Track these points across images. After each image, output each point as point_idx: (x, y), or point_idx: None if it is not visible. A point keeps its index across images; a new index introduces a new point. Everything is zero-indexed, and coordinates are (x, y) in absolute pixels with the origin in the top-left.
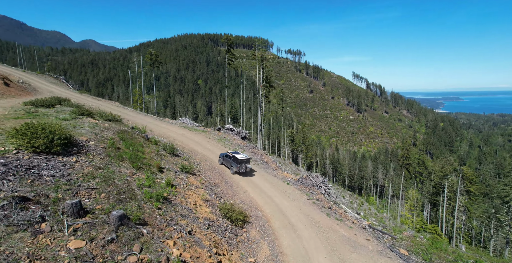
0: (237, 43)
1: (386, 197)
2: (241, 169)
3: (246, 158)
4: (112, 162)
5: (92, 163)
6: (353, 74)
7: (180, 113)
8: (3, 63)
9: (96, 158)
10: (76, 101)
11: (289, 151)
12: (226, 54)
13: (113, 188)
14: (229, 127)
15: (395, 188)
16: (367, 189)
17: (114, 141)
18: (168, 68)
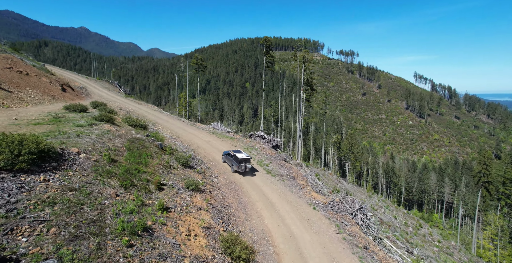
0: (286, 45)
1: (455, 217)
2: (240, 168)
3: (247, 157)
4: (97, 180)
5: (66, 183)
6: (415, 75)
7: (227, 116)
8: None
9: (76, 175)
10: (117, 105)
11: (336, 158)
12: (264, 56)
13: (75, 218)
14: (260, 134)
15: (468, 207)
16: (429, 205)
17: (112, 152)
18: (218, 72)
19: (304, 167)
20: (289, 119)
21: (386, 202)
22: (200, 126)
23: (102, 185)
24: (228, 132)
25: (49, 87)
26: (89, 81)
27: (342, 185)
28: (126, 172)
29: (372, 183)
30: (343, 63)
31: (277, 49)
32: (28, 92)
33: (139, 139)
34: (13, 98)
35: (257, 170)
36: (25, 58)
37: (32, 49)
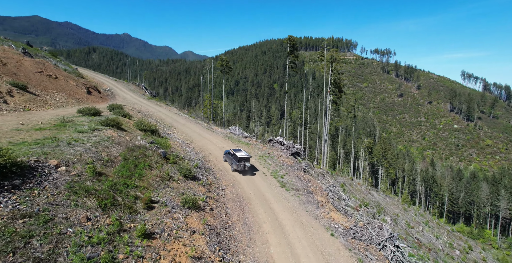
0: (316, 45)
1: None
2: (239, 167)
3: (246, 156)
4: (69, 200)
5: (21, 207)
6: (463, 74)
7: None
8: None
9: (43, 195)
10: (137, 107)
11: (367, 163)
12: (288, 56)
13: (12, 259)
14: (279, 140)
15: None
16: (480, 219)
17: (101, 164)
18: (247, 73)
19: (327, 176)
20: (318, 122)
21: (425, 216)
22: (217, 131)
23: (74, 206)
24: (246, 136)
25: (75, 90)
26: (117, 84)
27: (372, 197)
28: (110, 187)
29: (408, 191)
30: (378, 62)
31: (307, 49)
32: (54, 95)
33: (140, 147)
34: (38, 101)
35: (257, 169)
36: (59, 63)
37: (83, 55)
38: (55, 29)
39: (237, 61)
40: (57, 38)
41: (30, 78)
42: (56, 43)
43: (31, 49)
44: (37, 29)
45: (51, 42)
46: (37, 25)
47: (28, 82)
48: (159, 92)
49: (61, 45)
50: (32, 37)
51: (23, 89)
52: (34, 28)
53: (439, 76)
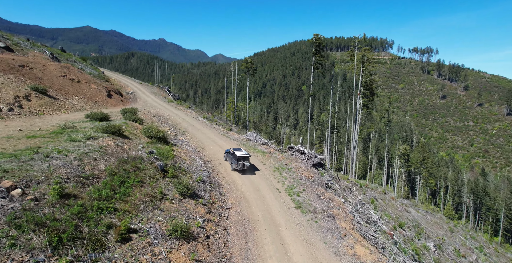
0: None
1: None
2: (238, 166)
3: (245, 155)
4: (5, 238)
5: None
6: None
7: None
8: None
9: None
10: (155, 111)
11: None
12: (313, 56)
13: None
14: (299, 148)
15: None
16: None
17: (74, 183)
18: (275, 75)
19: (355, 191)
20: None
21: (478, 239)
22: (233, 137)
23: (9, 248)
24: (263, 143)
25: (95, 94)
26: (141, 87)
27: (409, 214)
28: (77, 214)
29: (452, 203)
30: (417, 62)
31: (338, 49)
32: (73, 99)
33: (135, 158)
34: (55, 105)
35: (258, 169)
36: (87, 67)
37: (123, 60)
38: (102, 37)
39: (265, 63)
40: (103, 45)
41: (53, 82)
42: (103, 50)
43: (64, 54)
44: (88, 38)
45: (98, 49)
46: (88, 34)
47: (51, 86)
48: (189, 94)
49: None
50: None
51: (43, 93)
52: (86, 37)
53: (492, 75)
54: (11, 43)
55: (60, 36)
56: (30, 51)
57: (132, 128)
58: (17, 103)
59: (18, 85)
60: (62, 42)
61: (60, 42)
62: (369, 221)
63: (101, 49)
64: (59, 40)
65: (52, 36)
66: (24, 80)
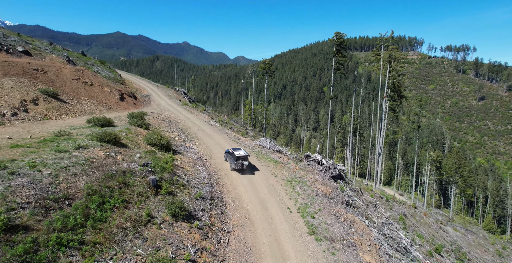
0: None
1: None
2: (237, 166)
3: (244, 155)
4: None
5: None
6: None
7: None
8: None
9: None
10: (166, 115)
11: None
12: (334, 56)
13: None
14: (316, 157)
15: None
16: None
17: (33, 209)
18: (295, 76)
19: (380, 207)
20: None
21: None
22: (244, 143)
23: None
24: (277, 151)
25: (107, 97)
26: (157, 89)
27: (446, 234)
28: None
29: (493, 215)
30: (450, 61)
31: (362, 49)
32: (84, 103)
33: (126, 172)
34: (63, 109)
35: (257, 169)
36: (105, 70)
37: (148, 63)
38: (130, 42)
39: (286, 64)
40: (131, 49)
41: (65, 86)
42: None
43: (83, 58)
44: (118, 43)
45: (127, 53)
46: (118, 39)
47: (63, 89)
48: (209, 96)
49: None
50: (114, 50)
51: (53, 97)
52: (116, 42)
53: None
54: (31, 47)
55: (94, 42)
56: (48, 55)
57: (135, 135)
58: (23, 107)
59: (28, 89)
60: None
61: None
62: (399, 248)
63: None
64: (93, 45)
65: (87, 42)
66: (37, 84)
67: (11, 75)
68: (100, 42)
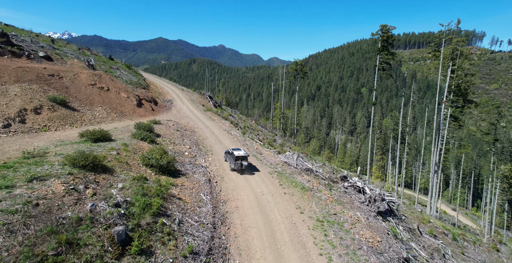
0: (419, 42)
1: None
2: (236, 166)
3: (244, 155)
4: None
5: None
6: None
7: (336, 124)
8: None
9: None
10: (183, 122)
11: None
12: (379, 54)
13: None
14: (355, 183)
15: None
16: None
17: None
18: (330, 77)
19: (450, 256)
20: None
21: None
22: (266, 159)
23: None
24: (306, 169)
25: (123, 103)
26: (181, 93)
27: None
28: None
29: None
30: None
31: (406, 47)
32: (96, 110)
33: (82, 220)
34: (69, 118)
35: (258, 170)
36: (129, 74)
37: (186, 66)
38: (171, 47)
39: (320, 65)
40: (171, 53)
41: (80, 91)
42: (170, 58)
43: (110, 62)
44: (160, 48)
45: (167, 57)
46: (160, 44)
47: (76, 95)
48: (241, 97)
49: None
50: (156, 54)
51: (61, 104)
52: (158, 47)
53: None
54: (53, 53)
55: (139, 48)
56: (69, 60)
57: (131, 153)
58: (20, 118)
59: (35, 96)
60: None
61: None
62: None
63: (169, 57)
64: (138, 51)
65: (133, 48)
66: (48, 91)
67: (22, 82)
68: (144, 48)
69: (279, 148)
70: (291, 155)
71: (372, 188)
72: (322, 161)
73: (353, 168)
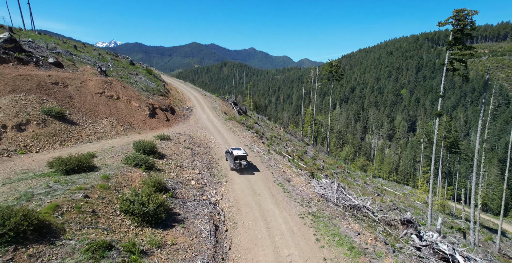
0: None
1: None
2: (235, 165)
3: (243, 154)
4: None
5: None
6: None
7: (372, 128)
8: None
9: None
10: (199, 136)
11: None
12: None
13: None
14: (438, 247)
15: None
16: None
17: None
18: (366, 78)
19: None
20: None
21: None
22: (296, 187)
23: None
24: (351, 206)
25: (132, 114)
26: (203, 100)
27: None
28: None
29: None
30: None
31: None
32: (99, 123)
33: None
34: (61, 134)
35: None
36: (148, 80)
37: (216, 70)
38: (203, 51)
39: (354, 65)
40: (204, 57)
41: (85, 101)
42: (203, 62)
43: (129, 67)
44: (193, 52)
45: (200, 61)
46: (193, 49)
47: (80, 106)
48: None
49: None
50: (190, 59)
51: (57, 118)
52: (192, 51)
53: None
54: (64, 58)
55: (174, 53)
56: (82, 66)
57: (110, 192)
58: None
59: (25, 109)
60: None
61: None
62: None
63: (202, 61)
64: (173, 56)
65: (169, 53)
66: (46, 102)
67: (19, 91)
68: (179, 53)
69: (311, 163)
70: (329, 183)
71: (468, 255)
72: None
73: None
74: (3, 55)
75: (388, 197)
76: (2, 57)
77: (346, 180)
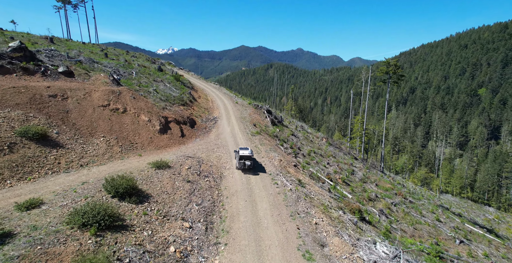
0: None
1: None
2: (239, 165)
3: (248, 154)
4: None
5: None
6: None
7: (436, 134)
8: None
9: None
10: (213, 159)
11: None
12: None
13: None
14: None
15: None
16: None
17: None
18: (429, 77)
19: None
20: None
21: None
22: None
23: None
24: None
25: (138, 130)
26: (232, 108)
27: None
28: None
29: None
30: None
31: None
32: (92, 143)
33: None
34: (33, 162)
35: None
36: (172, 87)
37: (263, 72)
38: (251, 53)
39: (415, 63)
40: (251, 60)
41: (83, 116)
42: (250, 64)
43: (157, 73)
44: (241, 55)
45: (247, 64)
46: (242, 52)
47: (76, 122)
48: (317, 102)
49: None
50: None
51: (36, 140)
52: (240, 54)
53: None
54: (79, 67)
55: (224, 56)
56: (96, 74)
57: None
58: None
59: None
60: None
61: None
62: None
63: (249, 63)
64: (223, 59)
65: (219, 57)
66: (32, 118)
67: (6, 106)
68: (228, 56)
69: (359, 189)
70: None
71: None
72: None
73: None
74: (7, 65)
75: (477, 245)
76: (5, 67)
77: (409, 216)
